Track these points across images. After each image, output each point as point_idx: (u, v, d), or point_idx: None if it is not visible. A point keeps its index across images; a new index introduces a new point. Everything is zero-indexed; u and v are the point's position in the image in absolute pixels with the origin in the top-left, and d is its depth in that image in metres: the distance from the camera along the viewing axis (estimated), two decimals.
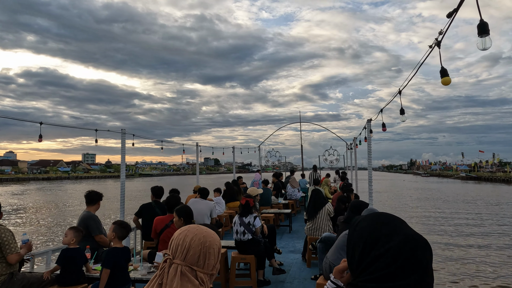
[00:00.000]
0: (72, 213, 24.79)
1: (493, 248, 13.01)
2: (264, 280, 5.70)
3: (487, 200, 32.09)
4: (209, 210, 6.94)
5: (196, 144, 12.58)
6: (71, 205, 31.16)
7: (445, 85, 3.16)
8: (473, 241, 14.15)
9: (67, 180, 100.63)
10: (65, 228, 18.57)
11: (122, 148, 6.90)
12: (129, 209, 6.98)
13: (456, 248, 13.04)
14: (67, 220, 21.57)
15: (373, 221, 1.01)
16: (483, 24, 2.62)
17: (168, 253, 1.31)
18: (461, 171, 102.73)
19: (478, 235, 15.58)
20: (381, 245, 0.93)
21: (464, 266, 10.69)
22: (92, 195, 5.20)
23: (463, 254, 12.04)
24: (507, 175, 73.21)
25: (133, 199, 31.44)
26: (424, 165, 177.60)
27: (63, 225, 19.53)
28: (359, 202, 5.37)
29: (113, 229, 3.90)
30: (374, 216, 1.04)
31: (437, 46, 3.44)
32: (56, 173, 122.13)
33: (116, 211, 21.89)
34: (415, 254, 0.91)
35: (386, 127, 6.69)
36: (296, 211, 13.36)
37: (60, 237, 16.40)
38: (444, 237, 15.10)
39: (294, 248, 8.32)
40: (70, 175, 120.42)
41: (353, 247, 1.00)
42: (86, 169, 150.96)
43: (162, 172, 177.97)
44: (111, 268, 3.67)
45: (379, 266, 0.91)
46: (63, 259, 4.02)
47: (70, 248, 4.11)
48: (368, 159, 7.14)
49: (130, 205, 23.73)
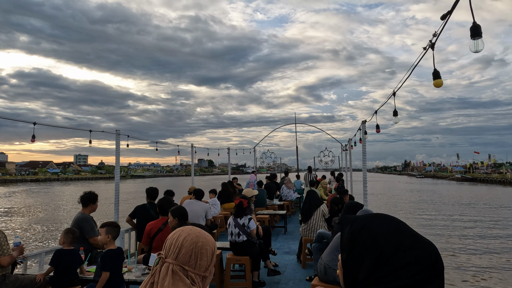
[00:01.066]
0: (54, 216, 24.40)
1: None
2: (259, 282, 5.69)
3: (489, 203, 31.55)
4: (204, 211, 6.93)
5: (191, 145, 12.56)
6: (57, 207, 30.67)
7: (437, 87, 3.18)
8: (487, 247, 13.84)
9: (56, 182, 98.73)
10: (53, 231, 18.44)
11: (116, 149, 6.87)
12: (121, 211, 6.92)
13: (473, 256, 12.63)
14: (52, 223, 21.28)
15: (385, 227, 0.94)
16: (476, 26, 2.64)
17: (161, 253, 1.32)
18: (457, 173, 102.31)
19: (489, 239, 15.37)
20: (404, 255, 0.88)
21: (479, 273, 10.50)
22: (87, 197, 5.16)
23: (480, 264, 11.64)
24: (503, 177, 72.69)
25: (124, 201, 30.71)
26: (419, 166, 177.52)
27: (51, 228, 19.30)
28: (354, 203, 5.38)
29: (107, 231, 3.86)
30: (383, 221, 0.96)
31: (431, 48, 3.46)
32: (45, 175, 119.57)
33: (107, 213, 21.67)
34: (436, 262, 0.88)
35: (380, 128, 6.71)
36: (291, 212, 13.37)
37: (49, 240, 16.29)
38: (454, 243, 14.68)
39: (289, 249, 8.32)
40: (60, 176, 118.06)
41: (362, 255, 0.92)
42: (77, 170, 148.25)
43: (154, 173, 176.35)
44: (110, 270, 3.67)
45: (403, 276, 0.87)
46: (56, 259, 4.00)
47: (64, 249, 4.09)
48: (363, 160, 7.18)
49: (121, 207, 23.46)
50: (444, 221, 20.66)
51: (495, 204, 30.99)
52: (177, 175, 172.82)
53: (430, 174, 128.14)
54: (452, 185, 67.04)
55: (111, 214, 9.21)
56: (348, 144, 14.55)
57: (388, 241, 0.90)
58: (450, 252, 13.05)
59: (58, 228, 19.14)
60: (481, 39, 2.68)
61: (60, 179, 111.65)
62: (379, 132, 6.74)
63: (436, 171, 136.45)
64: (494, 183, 69.62)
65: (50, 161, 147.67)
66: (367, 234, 0.93)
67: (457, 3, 2.73)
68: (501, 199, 36.12)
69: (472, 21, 2.61)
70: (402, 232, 0.91)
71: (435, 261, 0.87)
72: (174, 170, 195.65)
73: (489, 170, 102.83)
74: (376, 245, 0.90)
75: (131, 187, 59.54)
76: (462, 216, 22.82)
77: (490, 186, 60.61)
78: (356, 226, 0.97)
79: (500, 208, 27.49)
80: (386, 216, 0.98)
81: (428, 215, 23.30)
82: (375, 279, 0.89)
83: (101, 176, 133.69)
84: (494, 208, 27.49)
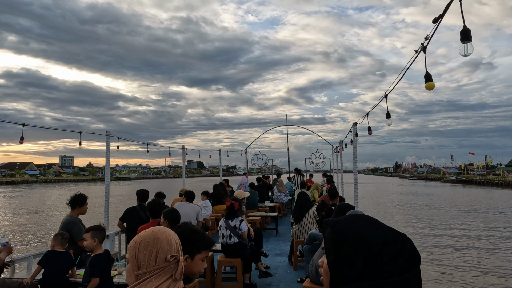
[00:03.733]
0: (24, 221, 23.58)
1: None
2: (251, 284, 5.68)
3: (494, 207, 29.66)
4: (195, 213, 6.90)
5: (183, 146, 12.50)
6: (19, 212, 29.13)
7: (428, 90, 3.22)
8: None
9: (34, 184, 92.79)
10: (32, 236, 18.00)
11: (106, 151, 6.80)
12: (97, 219, 6.75)
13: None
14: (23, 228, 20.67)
15: (368, 225, 0.99)
16: (466, 31, 2.68)
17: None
18: (451, 174, 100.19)
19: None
20: (390, 249, 0.95)
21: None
22: (74, 199, 5.07)
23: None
24: (500, 179, 69.75)
25: (100, 206, 28.71)
26: (410, 168, 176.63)
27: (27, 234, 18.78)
28: (345, 205, 5.39)
29: (93, 235, 3.78)
30: (364, 220, 1.01)
31: (422, 51, 3.50)
32: (22, 177, 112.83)
33: (90, 219, 20.95)
34: (415, 253, 0.97)
35: (371, 130, 6.76)
36: (283, 214, 13.37)
37: (27, 245, 15.94)
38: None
39: (280, 251, 8.32)
40: (39, 178, 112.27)
41: (352, 254, 0.96)
42: (58, 172, 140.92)
43: (141, 175, 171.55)
44: (99, 276, 3.62)
45: (390, 268, 0.93)
46: (46, 259, 3.94)
47: (56, 251, 4.01)
48: (354, 162, 7.22)
49: (100, 212, 22.32)
50: (453, 238, 17.08)
51: (501, 207, 29.05)
52: (164, 177, 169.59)
53: (422, 176, 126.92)
54: (447, 187, 64.84)
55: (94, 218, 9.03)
56: (339, 146, 14.63)
57: (375, 238, 0.96)
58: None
59: (36, 233, 18.71)
60: (470, 43, 2.72)
61: (39, 181, 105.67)
62: (371, 134, 6.78)
63: (429, 173, 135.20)
64: (490, 185, 67.30)
65: (30, 162, 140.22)
66: (354, 234, 0.98)
67: (448, 7, 2.77)
68: (508, 202, 34.09)
69: (463, 25, 2.65)
70: (384, 228, 0.99)
71: (414, 252, 0.96)
72: (162, 172, 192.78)
73: (484, 171, 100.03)
74: (365, 243, 0.95)
75: (115, 190, 55.98)
76: (470, 227, 20.04)
77: (487, 189, 58.71)
78: (339, 227, 1.01)
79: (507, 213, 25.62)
80: (365, 216, 1.06)
81: (432, 226, 20.36)
82: (365, 275, 0.93)
83: (84, 178, 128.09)
84: (501, 213, 25.54)
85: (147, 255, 1.40)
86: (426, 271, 10.76)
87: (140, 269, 1.39)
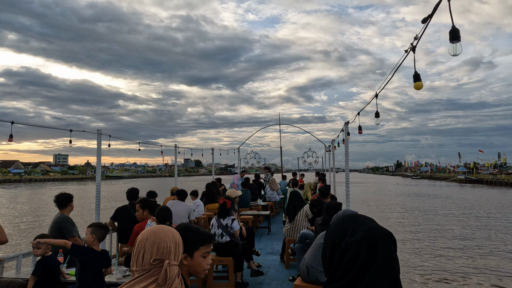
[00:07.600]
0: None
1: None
2: (242, 282, 5.68)
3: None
4: (187, 212, 6.88)
5: (175, 145, 12.45)
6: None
7: (417, 89, 3.25)
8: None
9: (18, 183, 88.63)
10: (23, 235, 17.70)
11: (98, 150, 6.75)
12: (88, 220, 6.67)
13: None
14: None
15: (341, 220, 1.08)
16: (454, 30, 2.70)
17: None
18: (459, 173, 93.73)
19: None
20: (347, 240, 1.00)
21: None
22: (61, 199, 5.07)
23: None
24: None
25: (88, 209, 24.71)
26: (412, 166, 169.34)
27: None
28: (332, 203, 5.46)
29: (92, 231, 3.77)
30: (344, 216, 1.10)
31: (412, 51, 3.52)
32: (5, 175, 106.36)
33: (78, 220, 20.50)
34: (376, 243, 0.98)
35: (362, 130, 6.79)
36: (275, 212, 13.40)
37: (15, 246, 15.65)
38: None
39: (272, 249, 8.34)
40: (23, 177, 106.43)
41: (325, 247, 1.08)
42: (45, 170, 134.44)
43: (134, 174, 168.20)
44: (91, 268, 3.61)
45: (346, 259, 0.98)
46: (43, 268, 3.79)
47: (46, 256, 3.91)
48: (345, 161, 7.25)
49: (88, 215, 21.77)
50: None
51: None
52: (159, 175, 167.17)
53: (426, 175, 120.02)
54: (456, 187, 58.95)
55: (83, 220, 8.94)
56: (331, 145, 14.68)
57: (337, 231, 1.04)
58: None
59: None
60: (459, 43, 2.75)
61: (23, 180, 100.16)
62: (361, 134, 6.81)
63: (434, 172, 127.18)
64: (502, 185, 62.06)
65: (16, 161, 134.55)
66: (328, 232, 1.10)
67: (437, 8, 2.79)
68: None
69: (452, 25, 2.67)
70: (353, 222, 1.04)
71: (374, 242, 0.98)
72: (157, 171, 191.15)
73: (495, 170, 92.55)
74: (330, 237, 1.06)
75: (105, 190, 51.34)
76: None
77: (500, 189, 53.66)
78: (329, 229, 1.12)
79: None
80: (351, 213, 1.19)
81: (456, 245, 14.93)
82: (332, 269, 1.02)
83: (72, 177, 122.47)
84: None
85: (136, 254, 1.42)
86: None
87: (136, 266, 1.41)
